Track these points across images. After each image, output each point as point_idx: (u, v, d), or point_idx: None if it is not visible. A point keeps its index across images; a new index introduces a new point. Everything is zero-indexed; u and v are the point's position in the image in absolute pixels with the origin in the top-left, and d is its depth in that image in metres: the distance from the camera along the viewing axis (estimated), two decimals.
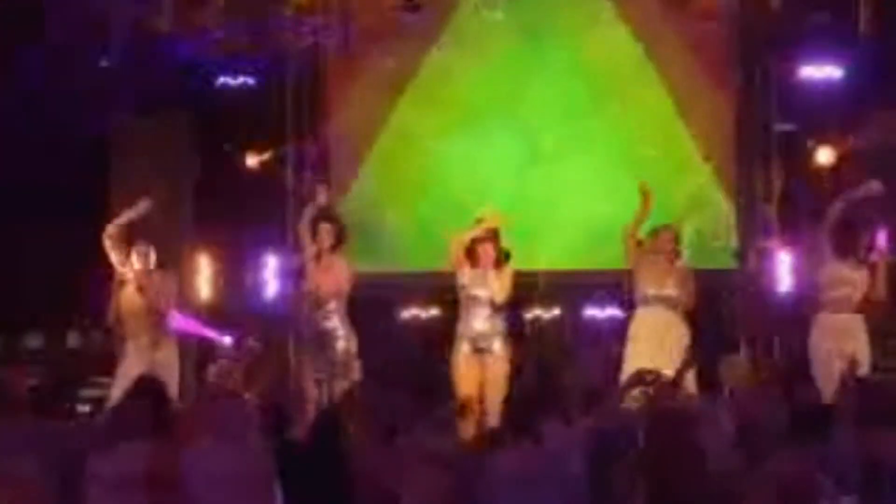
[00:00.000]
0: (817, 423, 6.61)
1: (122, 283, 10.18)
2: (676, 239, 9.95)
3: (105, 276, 10.83)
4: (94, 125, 12.50)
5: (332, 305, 10.10)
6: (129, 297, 10.13)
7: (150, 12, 12.34)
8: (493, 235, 9.85)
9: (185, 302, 12.65)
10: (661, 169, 12.97)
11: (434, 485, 6.12)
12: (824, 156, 12.34)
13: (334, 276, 10.09)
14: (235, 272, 13.03)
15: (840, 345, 9.65)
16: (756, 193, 13.15)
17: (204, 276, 12.91)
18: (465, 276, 9.84)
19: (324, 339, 10.09)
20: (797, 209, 12.47)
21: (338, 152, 13.47)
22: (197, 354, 12.63)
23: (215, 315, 12.81)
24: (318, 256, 10.08)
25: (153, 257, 10.19)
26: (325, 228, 10.18)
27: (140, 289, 10.07)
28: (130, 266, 10.12)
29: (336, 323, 10.12)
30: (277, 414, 7.40)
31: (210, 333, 12.25)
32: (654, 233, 9.99)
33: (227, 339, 12.69)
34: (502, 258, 9.83)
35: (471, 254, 9.83)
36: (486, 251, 9.80)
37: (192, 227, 13.04)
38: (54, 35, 11.89)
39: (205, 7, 12.41)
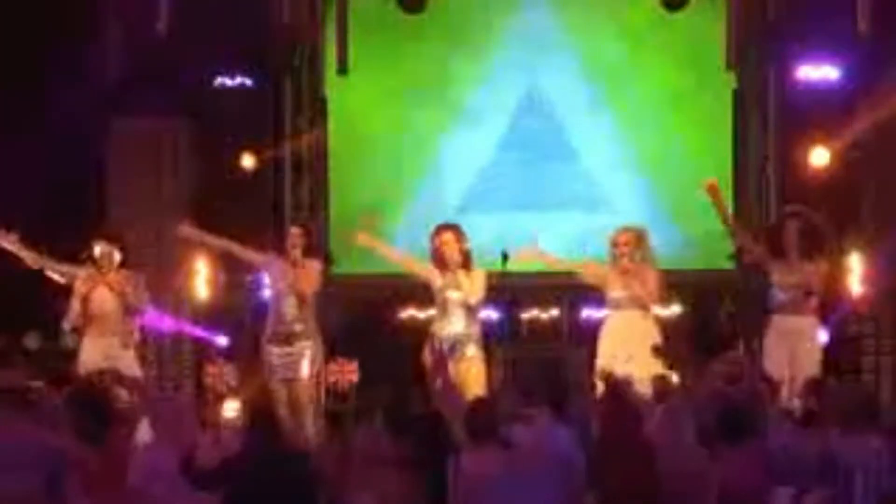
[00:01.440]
0: (748, 423, 6.68)
1: (93, 286, 10.11)
2: (628, 241, 9.99)
3: None
4: (93, 126, 12.51)
5: (305, 310, 10.05)
6: (102, 299, 10.08)
7: (149, 14, 12.36)
8: (457, 236, 9.82)
9: (184, 303, 12.70)
10: (658, 169, 13.00)
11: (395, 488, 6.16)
12: (820, 156, 12.34)
13: (307, 279, 10.04)
14: (234, 273, 13.02)
15: (791, 347, 9.85)
16: (753, 194, 13.17)
17: (202, 277, 12.90)
18: (438, 279, 9.85)
19: (291, 341, 10.05)
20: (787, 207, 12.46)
21: (337, 153, 13.48)
22: (195, 355, 12.65)
23: (214, 316, 12.81)
24: (294, 261, 10.04)
25: (117, 257, 10.12)
26: (297, 233, 10.14)
27: (114, 289, 10.02)
28: (93, 268, 10.07)
29: (303, 326, 10.08)
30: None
31: (193, 330, 12.27)
32: (610, 238, 10.07)
33: (222, 341, 12.70)
34: (468, 259, 9.82)
35: (439, 257, 9.84)
36: (451, 253, 9.79)
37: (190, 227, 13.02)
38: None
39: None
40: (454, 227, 9.88)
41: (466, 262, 9.78)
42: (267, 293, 12.90)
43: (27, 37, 12.13)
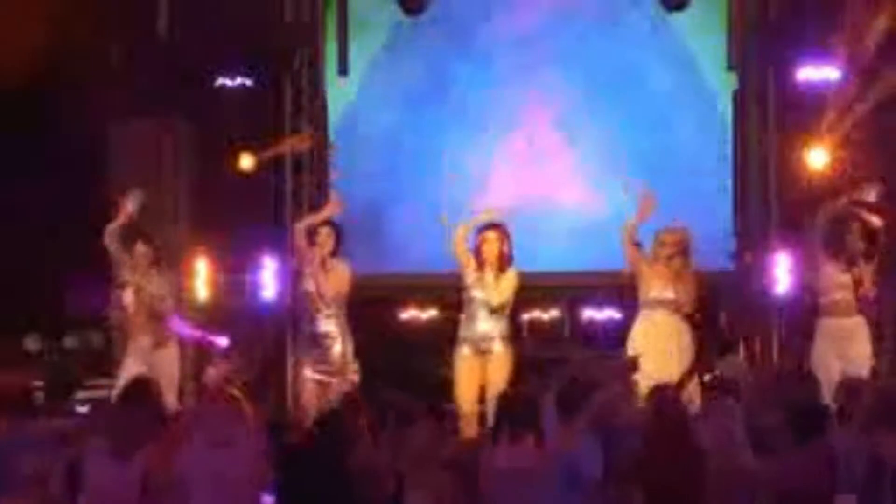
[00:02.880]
0: (815, 424, 6.63)
1: (124, 283, 10.20)
2: (677, 242, 9.93)
3: (104, 277, 10.86)
4: (93, 126, 12.50)
5: (333, 309, 10.09)
6: (129, 297, 10.14)
7: (149, 14, 12.35)
8: (500, 237, 9.82)
9: (184, 304, 12.68)
10: (659, 170, 12.99)
11: (439, 485, 6.13)
12: (820, 157, 12.33)
13: (335, 279, 10.08)
14: (234, 274, 13.02)
15: (841, 348, 9.73)
16: (753, 195, 13.16)
17: (202, 278, 12.90)
18: (469, 276, 9.85)
19: (321, 342, 10.08)
20: (794, 211, 12.46)
21: (337, 153, 13.47)
22: (195, 357, 12.63)
23: (213, 317, 12.80)
24: (323, 260, 10.08)
25: (152, 257, 10.22)
26: (326, 232, 10.16)
27: (139, 289, 10.09)
28: (133, 266, 10.14)
29: (334, 326, 10.11)
30: (276, 417, 7.41)
31: (207, 338, 12.26)
32: (655, 235, 9.98)
33: (223, 342, 12.68)
34: (506, 261, 9.81)
35: (478, 254, 9.84)
36: (490, 252, 9.79)
37: (191, 228, 13.03)
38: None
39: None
40: (498, 227, 9.87)
41: (502, 264, 9.77)
42: (268, 294, 12.96)
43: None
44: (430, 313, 13.38)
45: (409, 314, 13.39)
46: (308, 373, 10.09)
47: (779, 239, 12.73)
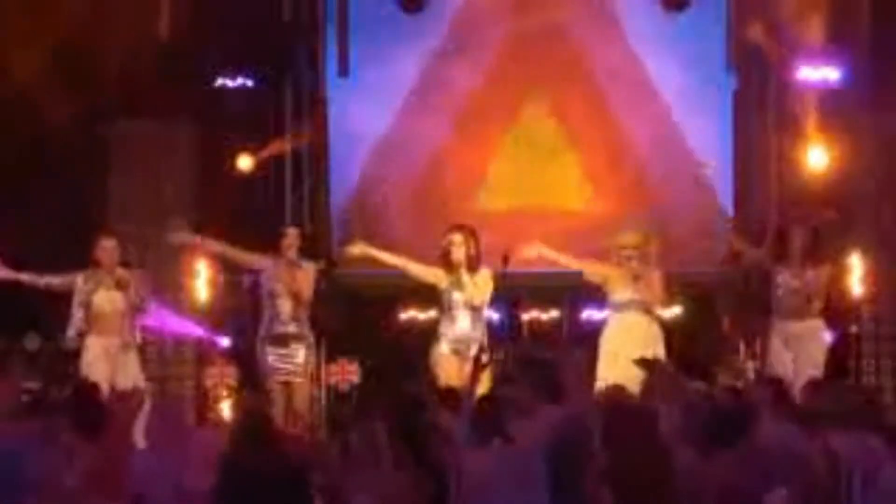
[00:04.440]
0: (739, 423, 6.68)
1: (95, 287, 10.13)
2: (638, 243, 10.00)
3: None
4: (93, 127, 12.51)
5: (298, 310, 10.06)
6: (104, 298, 10.10)
7: (150, 13, 12.36)
8: (465, 238, 9.82)
9: (184, 304, 12.69)
10: (659, 170, 13.01)
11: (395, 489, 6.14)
12: (817, 158, 12.35)
13: (302, 280, 10.06)
14: (234, 274, 13.02)
15: (793, 350, 9.90)
16: (754, 195, 13.16)
17: (202, 278, 12.90)
18: (443, 281, 9.86)
19: (286, 342, 10.07)
20: (793, 211, 12.46)
21: (337, 153, 13.48)
22: (195, 357, 12.64)
23: (214, 317, 12.80)
24: (289, 261, 10.06)
25: (117, 253, 10.17)
26: (293, 233, 10.18)
27: (121, 287, 10.05)
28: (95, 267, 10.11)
29: (298, 327, 10.09)
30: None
31: (194, 330, 12.28)
32: (614, 240, 10.07)
33: (224, 342, 12.70)
34: (475, 261, 9.82)
35: (445, 258, 9.85)
36: (458, 254, 9.80)
37: (191, 228, 13.01)
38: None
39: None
40: (463, 228, 9.89)
41: (472, 264, 9.79)
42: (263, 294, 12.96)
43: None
44: (430, 313, 13.35)
45: (409, 314, 13.38)
46: (273, 374, 10.07)
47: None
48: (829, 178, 12.29)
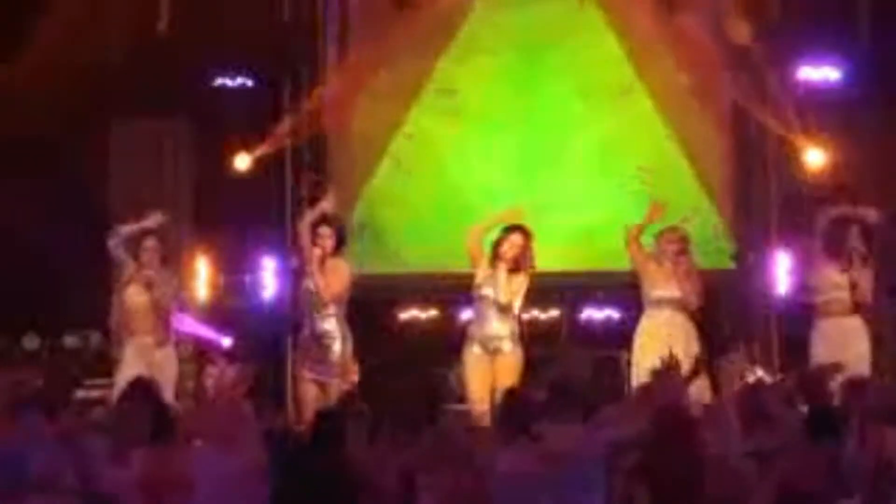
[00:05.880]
0: (830, 425, 6.63)
1: (127, 281, 10.20)
2: (681, 240, 9.98)
3: (104, 277, 10.85)
4: (93, 126, 12.51)
5: (332, 309, 10.09)
6: (133, 295, 10.14)
7: (149, 13, 12.36)
8: (525, 241, 9.83)
9: (184, 304, 12.69)
10: (659, 170, 13.01)
11: (454, 485, 6.10)
12: (821, 158, 12.34)
13: (336, 279, 10.09)
14: (234, 274, 13.03)
15: (838, 349, 9.77)
16: (754, 195, 13.16)
17: (202, 278, 12.91)
18: (479, 274, 9.87)
19: (321, 341, 10.08)
20: (795, 212, 12.47)
21: (337, 153, 13.46)
22: (195, 357, 12.63)
23: (214, 317, 12.80)
24: (322, 259, 10.09)
25: (159, 255, 10.23)
26: (326, 232, 10.18)
27: (149, 286, 10.10)
28: (138, 264, 10.15)
29: (334, 325, 10.12)
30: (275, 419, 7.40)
31: (209, 335, 12.27)
32: (659, 235, 10.03)
33: (225, 341, 12.69)
34: (522, 264, 9.81)
35: (495, 251, 9.87)
36: (509, 252, 9.81)
37: (191, 228, 13.04)
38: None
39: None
40: (523, 230, 9.89)
41: (518, 265, 9.78)
42: (268, 294, 12.97)
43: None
44: (430, 313, 13.37)
45: (409, 314, 13.38)
46: (307, 373, 10.09)
47: (779, 239, 12.74)
48: (828, 178, 12.28)
